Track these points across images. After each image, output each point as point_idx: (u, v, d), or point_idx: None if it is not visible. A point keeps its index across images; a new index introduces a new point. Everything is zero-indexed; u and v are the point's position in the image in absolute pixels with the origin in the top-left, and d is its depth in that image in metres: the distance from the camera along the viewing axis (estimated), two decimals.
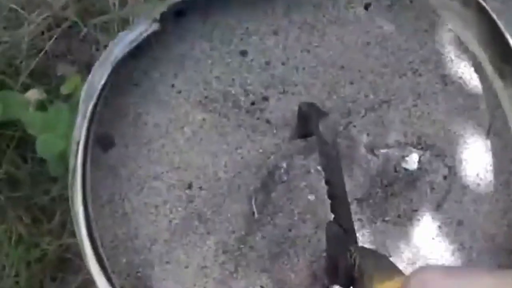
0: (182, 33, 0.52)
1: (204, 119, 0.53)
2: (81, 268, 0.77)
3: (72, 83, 0.74)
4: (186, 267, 0.52)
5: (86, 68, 0.77)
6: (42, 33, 0.76)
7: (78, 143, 0.47)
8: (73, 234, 0.77)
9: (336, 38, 0.53)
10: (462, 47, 0.54)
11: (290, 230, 0.51)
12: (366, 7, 0.53)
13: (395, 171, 0.53)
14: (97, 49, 0.77)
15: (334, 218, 0.47)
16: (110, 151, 0.52)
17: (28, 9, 0.76)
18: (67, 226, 0.77)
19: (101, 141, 0.52)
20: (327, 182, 0.47)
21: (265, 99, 0.53)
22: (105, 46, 0.77)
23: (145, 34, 0.47)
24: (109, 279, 0.45)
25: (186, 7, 0.49)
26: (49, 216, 0.77)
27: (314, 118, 0.47)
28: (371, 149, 0.53)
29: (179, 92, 0.53)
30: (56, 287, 0.76)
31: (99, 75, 0.48)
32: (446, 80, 0.55)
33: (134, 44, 0.47)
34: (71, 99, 0.74)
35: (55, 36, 0.76)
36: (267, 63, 0.53)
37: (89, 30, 0.76)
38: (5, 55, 0.75)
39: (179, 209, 0.53)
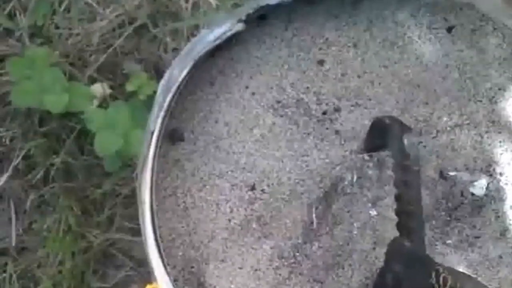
0: (262, 37, 0.54)
1: (274, 123, 0.55)
2: (123, 264, 0.79)
3: (137, 81, 0.77)
4: (240, 268, 0.53)
5: (152, 68, 0.80)
6: (113, 29, 0.80)
7: (152, 134, 0.50)
8: (120, 229, 0.79)
9: (416, 57, 0.55)
10: None
11: (347, 244, 0.52)
12: (449, 29, 0.55)
13: (462, 195, 0.53)
14: (165, 51, 0.81)
15: (400, 235, 0.49)
16: (178, 145, 0.55)
17: (103, 5, 0.80)
18: (115, 221, 0.79)
19: (171, 135, 0.54)
20: (398, 198, 0.48)
21: (337, 110, 0.55)
22: (174, 49, 0.80)
23: (228, 33, 0.50)
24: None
25: (270, 11, 0.52)
26: (98, 210, 0.80)
27: (396, 131, 0.49)
28: (440, 171, 0.54)
29: (253, 94, 0.55)
30: (98, 280, 0.79)
31: (179, 69, 0.50)
32: None
33: (218, 42, 0.50)
34: (134, 97, 0.76)
35: (125, 34, 0.79)
36: (343, 74, 0.55)
37: (159, 32, 0.80)
38: (76, 47, 0.79)
39: (240, 209, 0.54)
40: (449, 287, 0.42)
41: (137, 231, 0.79)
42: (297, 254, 0.54)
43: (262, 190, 0.55)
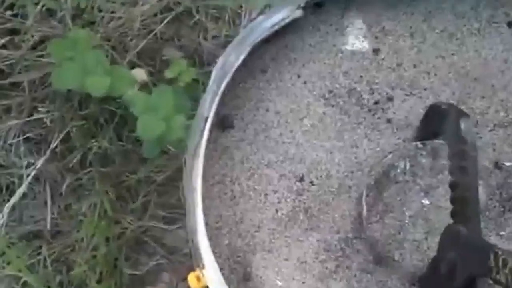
0: (317, 24, 0.54)
1: (324, 113, 0.55)
2: (155, 252, 0.80)
3: (177, 68, 0.77)
4: (286, 259, 0.53)
5: (192, 55, 0.80)
6: (155, 14, 0.80)
7: (206, 120, 0.49)
8: (153, 217, 0.80)
9: (474, 50, 0.54)
10: None
11: (399, 233, 0.52)
12: (510, 24, 0.54)
13: None
14: (205, 38, 0.80)
15: (454, 222, 0.48)
16: (227, 132, 0.54)
17: None
18: (149, 208, 0.79)
19: (221, 121, 0.54)
20: (453, 185, 0.48)
21: (390, 99, 0.54)
22: (214, 36, 0.80)
23: (287, 20, 0.49)
24: None
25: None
26: (133, 196, 0.80)
27: (453, 116, 0.49)
28: (495, 162, 0.53)
29: (304, 83, 0.55)
30: (130, 267, 0.79)
31: (235, 55, 0.50)
32: None
33: (275, 28, 0.49)
34: (174, 84, 0.76)
35: (167, 19, 0.79)
36: (399, 64, 0.54)
37: (200, 18, 0.79)
38: (117, 31, 0.79)
39: (288, 200, 0.54)
40: (509, 268, 0.42)
41: (170, 220, 0.80)
42: (345, 247, 0.54)
43: (311, 182, 0.55)
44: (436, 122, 0.53)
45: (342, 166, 0.55)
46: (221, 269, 0.52)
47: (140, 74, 0.77)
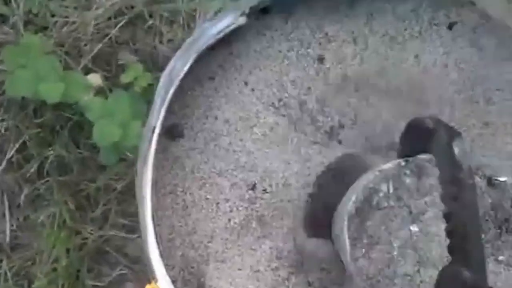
0: (262, 30, 0.54)
1: (277, 123, 0.54)
2: (118, 262, 0.79)
3: (133, 72, 0.77)
4: (239, 269, 0.53)
5: (148, 59, 0.79)
6: (109, 18, 0.79)
7: (153, 130, 0.49)
8: (114, 226, 0.79)
9: (415, 56, 0.54)
10: None
11: (388, 267, 0.48)
12: (451, 26, 0.54)
13: None
14: (161, 41, 0.80)
15: (453, 260, 0.43)
16: (177, 141, 0.54)
17: None
18: (109, 217, 0.79)
19: (170, 130, 0.54)
20: (448, 216, 0.43)
21: (341, 126, 0.54)
22: (169, 40, 0.80)
23: (232, 27, 0.49)
24: None
25: (272, 4, 0.51)
26: (93, 205, 0.79)
27: (443, 137, 0.43)
28: (488, 178, 0.50)
29: (252, 90, 0.55)
30: (92, 279, 0.79)
31: (182, 63, 0.50)
32: None
33: (220, 35, 0.49)
34: (130, 88, 0.76)
35: (121, 23, 0.78)
36: (344, 79, 0.54)
37: (155, 22, 0.79)
38: (71, 35, 0.78)
39: (240, 208, 0.54)
40: None
41: (131, 228, 0.79)
42: (298, 255, 0.54)
43: (264, 190, 0.55)
44: (420, 142, 0.47)
45: (300, 176, 0.54)
46: (175, 281, 0.52)
47: (95, 79, 0.77)
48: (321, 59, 0.55)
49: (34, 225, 0.79)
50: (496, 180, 0.50)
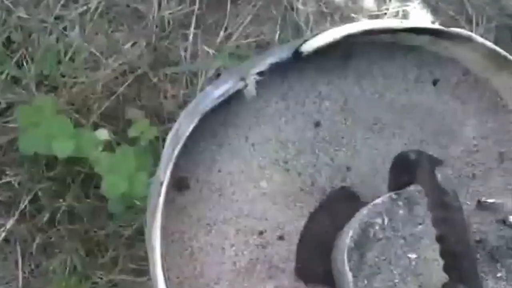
0: (260, 90, 0.59)
1: (276, 177, 0.59)
2: None
3: (140, 127, 0.83)
4: None
5: (153, 115, 0.85)
6: (116, 78, 0.85)
7: (162, 184, 0.54)
8: (123, 271, 0.83)
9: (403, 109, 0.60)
10: None
11: None
12: (435, 83, 0.60)
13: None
14: (165, 97, 0.86)
15: (450, 279, 0.47)
16: (184, 192, 0.59)
17: (106, 55, 0.85)
18: (118, 262, 0.83)
19: (177, 183, 0.59)
20: (440, 239, 0.47)
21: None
22: (173, 96, 0.86)
23: (231, 91, 0.55)
24: None
25: (268, 69, 0.57)
26: (102, 251, 0.84)
27: (425, 166, 0.48)
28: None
29: (253, 145, 0.60)
30: None
31: (186, 124, 0.55)
32: (503, 157, 0.61)
33: (221, 99, 0.55)
34: (137, 142, 0.81)
35: (127, 82, 0.85)
36: (337, 149, 0.61)
37: (160, 79, 0.85)
38: (80, 95, 0.84)
39: (245, 253, 0.59)
40: None
41: (140, 272, 0.84)
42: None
43: (264, 234, 0.59)
44: (407, 173, 0.51)
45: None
46: None
47: (103, 134, 0.82)
48: (317, 124, 0.60)
49: (46, 272, 0.83)
50: (485, 202, 0.55)
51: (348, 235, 0.52)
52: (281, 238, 0.60)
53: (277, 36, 0.83)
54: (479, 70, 0.59)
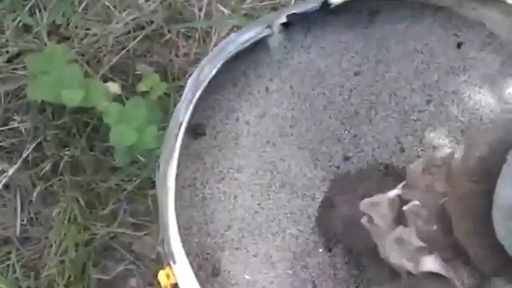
0: (283, 42, 0.58)
1: (294, 121, 0.59)
2: (123, 259, 0.82)
3: (149, 81, 0.81)
4: (254, 255, 0.57)
5: (163, 71, 0.83)
6: (128, 32, 0.83)
7: (181, 125, 0.53)
8: (122, 224, 0.82)
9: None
10: None
11: None
12: (459, 45, 0.59)
13: None
14: (177, 55, 0.84)
15: None
16: (200, 139, 0.58)
17: (119, 8, 0.83)
18: (118, 215, 0.82)
19: (193, 129, 0.58)
20: None
21: None
22: (185, 54, 0.84)
23: (258, 37, 0.54)
24: None
25: (294, 18, 0.56)
26: (103, 204, 0.82)
27: None
28: None
29: (272, 93, 0.59)
30: (98, 272, 0.81)
31: (209, 68, 0.54)
32: None
33: (246, 44, 0.54)
34: (146, 97, 0.80)
35: (140, 37, 0.83)
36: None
37: (172, 36, 0.84)
38: (91, 47, 0.82)
39: (256, 202, 0.58)
40: None
41: (139, 227, 0.82)
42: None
43: (281, 185, 0.59)
44: None
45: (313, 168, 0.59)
46: (190, 265, 0.56)
47: (113, 87, 0.81)
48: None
49: (45, 220, 0.81)
50: None
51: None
52: (292, 189, 0.59)
53: (293, 1, 0.82)
54: (504, 34, 0.59)
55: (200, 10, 0.84)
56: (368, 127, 0.59)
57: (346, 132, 0.60)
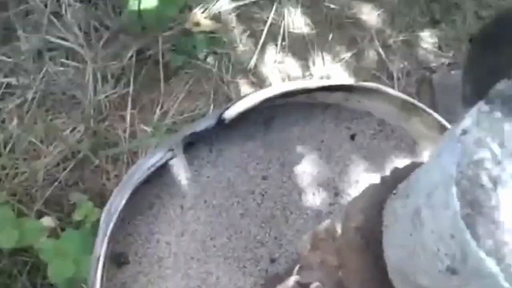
0: (190, 160, 0.60)
1: (212, 229, 0.59)
2: None
3: (84, 210, 0.82)
4: None
5: (97, 196, 0.84)
6: (58, 164, 0.85)
7: (98, 259, 0.53)
8: None
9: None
10: None
11: None
12: (353, 137, 0.61)
13: None
14: (108, 179, 0.86)
15: None
16: (124, 268, 0.58)
17: (46, 142, 0.85)
18: None
19: (116, 259, 0.58)
20: None
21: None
22: (116, 176, 0.85)
23: (161, 162, 0.55)
24: None
25: (196, 138, 0.58)
26: None
27: None
28: None
29: (187, 211, 0.60)
30: None
31: (120, 197, 0.55)
32: None
33: (152, 170, 0.55)
34: (82, 225, 0.80)
35: (69, 167, 0.84)
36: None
37: (101, 162, 0.85)
38: (22, 185, 0.83)
39: None
40: None
41: None
42: None
43: None
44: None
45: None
46: None
47: (48, 221, 0.81)
48: (252, 192, 0.61)
49: None
50: None
51: (450, 200, 0.30)
52: None
53: (211, 110, 0.85)
54: (393, 120, 0.61)
55: (124, 131, 0.86)
56: (286, 227, 0.60)
57: (267, 235, 0.61)
